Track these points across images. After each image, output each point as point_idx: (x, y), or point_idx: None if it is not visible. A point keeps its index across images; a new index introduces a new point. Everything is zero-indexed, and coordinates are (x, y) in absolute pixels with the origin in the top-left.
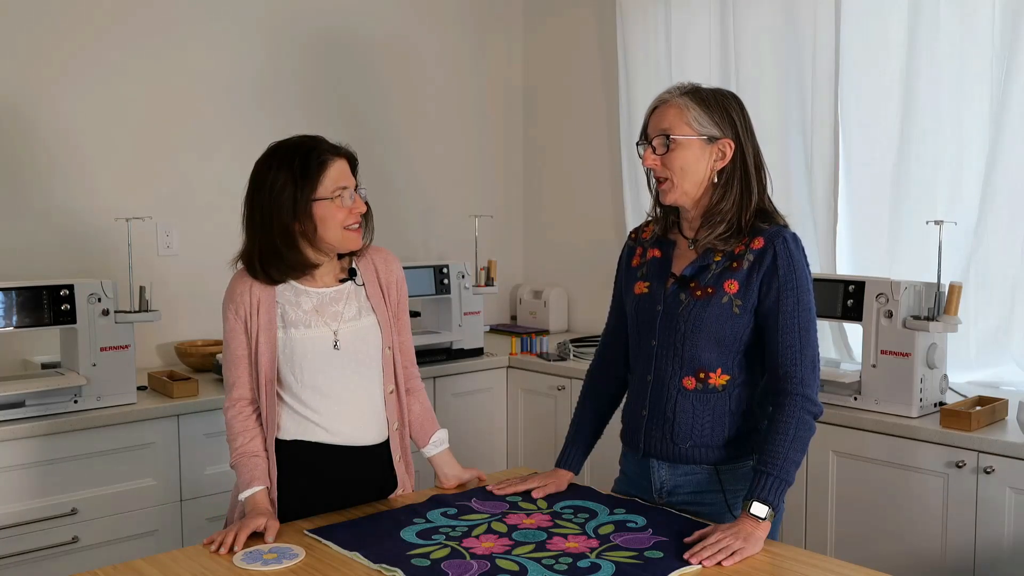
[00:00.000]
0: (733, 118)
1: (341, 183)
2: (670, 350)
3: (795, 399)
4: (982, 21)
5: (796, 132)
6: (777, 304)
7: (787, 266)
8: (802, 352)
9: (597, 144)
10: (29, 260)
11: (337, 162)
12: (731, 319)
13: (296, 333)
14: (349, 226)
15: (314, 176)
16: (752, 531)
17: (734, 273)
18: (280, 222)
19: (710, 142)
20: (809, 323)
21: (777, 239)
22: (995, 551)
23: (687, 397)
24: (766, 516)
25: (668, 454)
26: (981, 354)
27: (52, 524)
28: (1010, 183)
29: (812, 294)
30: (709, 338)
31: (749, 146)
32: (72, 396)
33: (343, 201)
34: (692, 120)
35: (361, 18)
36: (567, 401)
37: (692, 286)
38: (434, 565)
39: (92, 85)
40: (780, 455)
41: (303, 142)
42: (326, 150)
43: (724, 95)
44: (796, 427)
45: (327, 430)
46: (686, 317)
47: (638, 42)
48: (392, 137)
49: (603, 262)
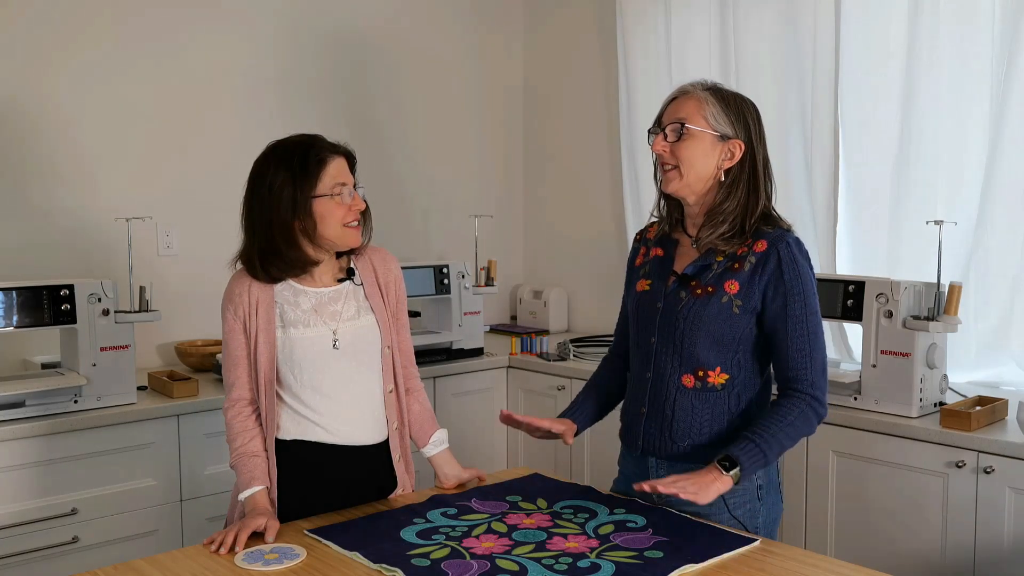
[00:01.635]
0: (748, 121)
1: (340, 180)
2: (669, 347)
3: (804, 397)
4: (982, 21)
5: (796, 132)
6: (785, 310)
7: (792, 271)
8: (812, 356)
9: (597, 144)
10: (29, 260)
11: (336, 160)
12: (730, 319)
13: (295, 333)
14: (348, 223)
15: (313, 174)
16: (711, 482)
17: (735, 274)
18: (280, 220)
19: (722, 140)
20: (817, 327)
21: (780, 243)
22: (995, 551)
23: (686, 395)
24: (731, 474)
25: (666, 452)
26: (981, 354)
27: (52, 524)
28: (1010, 183)
29: (817, 297)
30: (707, 337)
31: (760, 151)
32: (72, 396)
33: (342, 198)
34: (709, 115)
35: (361, 19)
36: (567, 401)
37: (693, 284)
38: (434, 565)
39: (93, 85)
40: (770, 431)
41: (302, 140)
42: (324, 148)
43: (744, 99)
44: (796, 417)
45: (327, 430)
46: (685, 315)
47: (638, 42)
48: (392, 137)
49: (603, 262)
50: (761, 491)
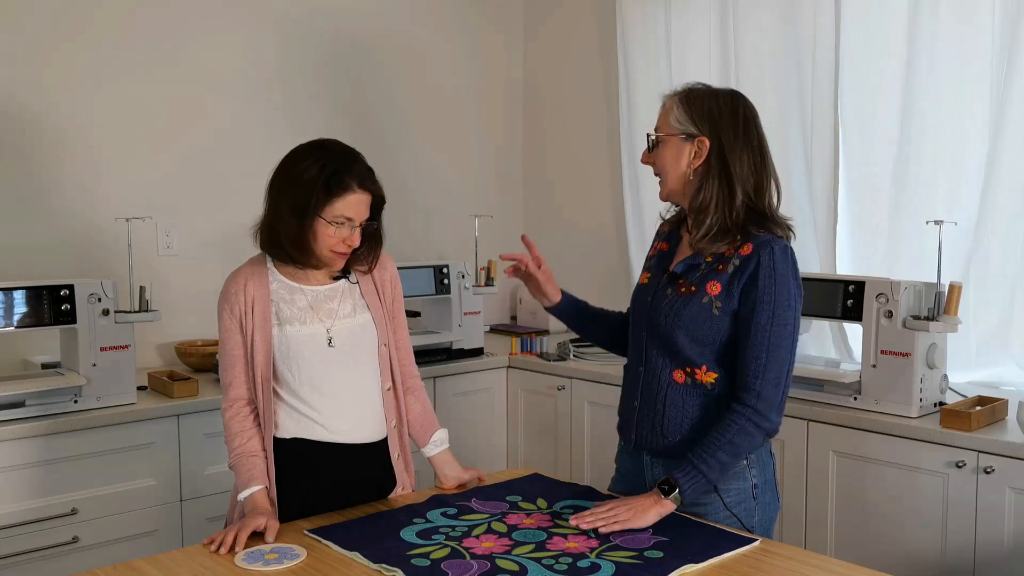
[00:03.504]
0: (716, 116)
1: (347, 214)
2: (656, 342)
3: (746, 409)
4: (982, 21)
5: (796, 132)
6: (751, 316)
7: (767, 278)
8: (766, 368)
9: (597, 144)
10: (29, 260)
11: (358, 196)
12: (709, 319)
13: (291, 330)
14: (335, 250)
15: (331, 196)
16: (649, 507)
17: (719, 275)
18: (297, 214)
19: (688, 139)
20: (782, 339)
21: (764, 249)
22: (995, 551)
23: (677, 391)
24: (671, 498)
25: (659, 447)
26: (981, 354)
27: (52, 524)
28: (1010, 183)
29: (794, 310)
30: (687, 335)
31: (737, 144)
32: (72, 396)
33: (339, 231)
34: (673, 118)
35: (362, 19)
36: (567, 401)
37: (680, 282)
38: (434, 565)
39: (93, 86)
40: (709, 451)
41: (348, 155)
42: (354, 180)
43: (717, 94)
44: (735, 434)
45: (325, 427)
46: (666, 312)
47: (638, 42)
48: (392, 137)
49: (603, 262)
50: (756, 490)
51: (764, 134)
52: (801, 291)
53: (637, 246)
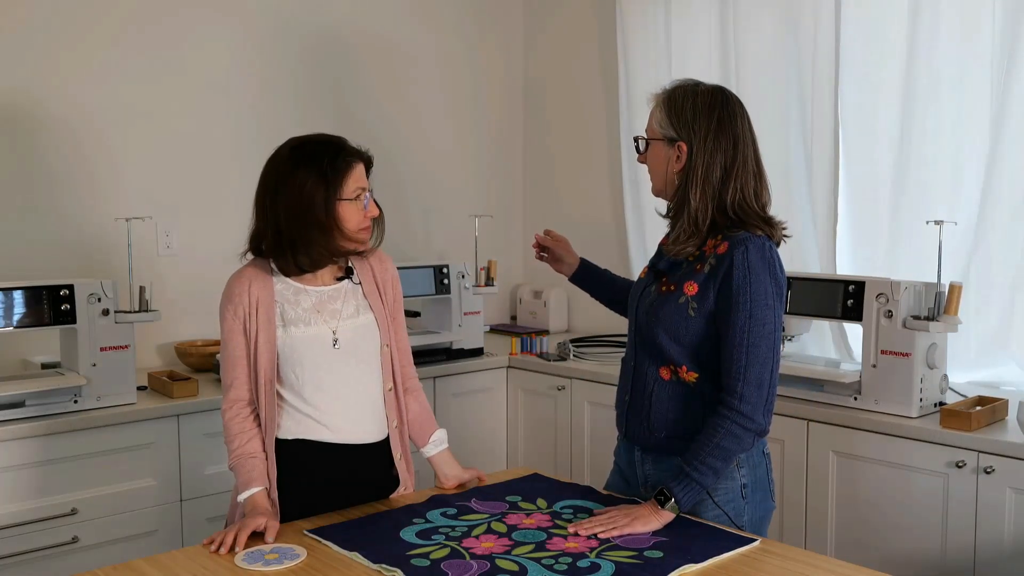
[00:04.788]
0: (689, 119)
1: (361, 185)
2: (639, 338)
3: (730, 413)
4: (982, 21)
5: (796, 132)
6: (728, 317)
7: (742, 278)
8: (747, 369)
9: (597, 144)
10: (29, 260)
11: (359, 165)
12: (685, 319)
13: (296, 331)
14: (363, 227)
15: (341, 177)
16: (647, 515)
17: (696, 275)
18: (313, 217)
19: (670, 144)
20: (760, 339)
21: (739, 247)
22: (995, 551)
23: (663, 387)
24: (668, 508)
25: (646, 441)
26: (981, 354)
27: (52, 524)
28: (1010, 183)
29: (773, 308)
30: (665, 334)
31: (706, 147)
32: (72, 396)
33: (358, 205)
34: (656, 122)
35: (361, 18)
36: (567, 401)
37: (663, 280)
38: (434, 565)
39: (93, 87)
40: (699, 458)
41: (330, 142)
42: (350, 152)
43: (696, 94)
44: (723, 437)
45: (329, 428)
46: (647, 309)
47: (638, 42)
48: (392, 137)
49: (603, 262)
50: (745, 490)
51: (747, 131)
52: (781, 288)
53: (637, 246)
